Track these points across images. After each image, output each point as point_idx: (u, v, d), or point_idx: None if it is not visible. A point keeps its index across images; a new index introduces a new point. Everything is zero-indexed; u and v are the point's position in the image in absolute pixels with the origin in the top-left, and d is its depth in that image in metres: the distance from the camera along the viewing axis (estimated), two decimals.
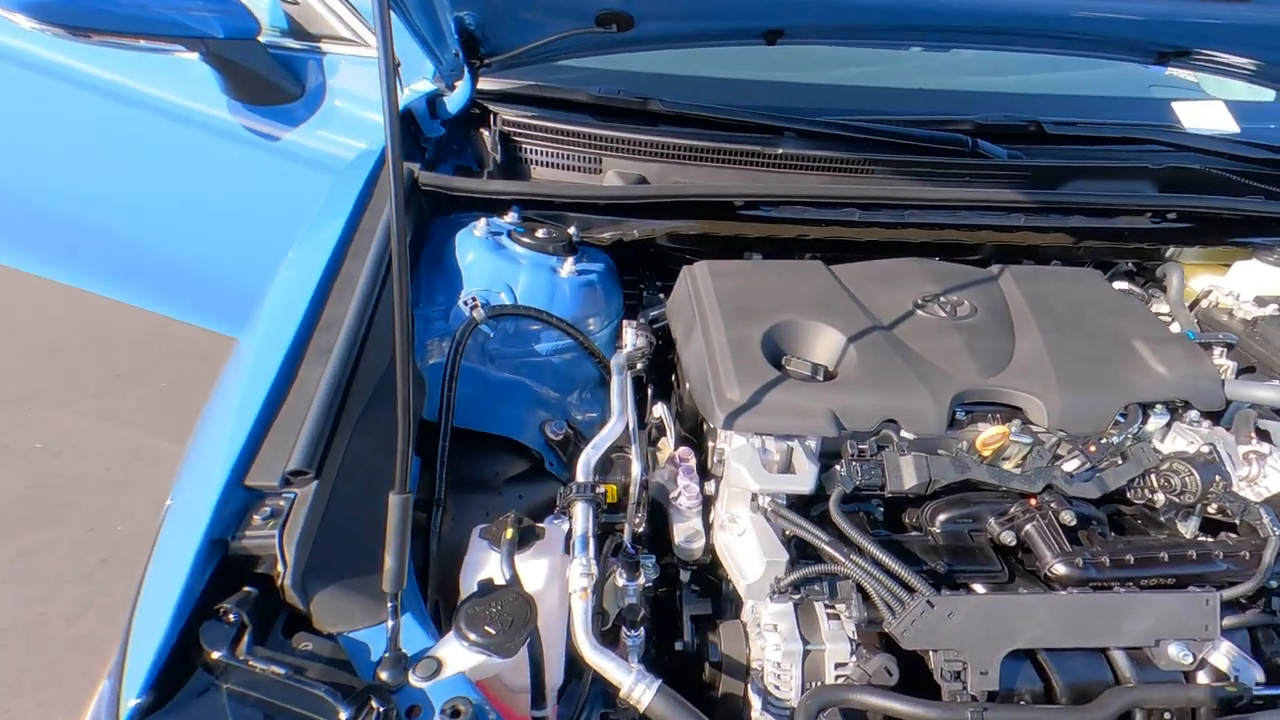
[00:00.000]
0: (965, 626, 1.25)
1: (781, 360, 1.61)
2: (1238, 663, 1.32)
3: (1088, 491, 1.52)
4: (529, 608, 1.20)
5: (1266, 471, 1.53)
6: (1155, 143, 2.45)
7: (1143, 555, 1.39)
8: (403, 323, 1.04)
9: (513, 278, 1.86)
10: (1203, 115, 2.76)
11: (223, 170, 2.57)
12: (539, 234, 1.92)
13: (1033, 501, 1.48)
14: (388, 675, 1.10)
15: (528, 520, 1.44)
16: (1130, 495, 1.58)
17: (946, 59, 2.98)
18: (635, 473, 1.55)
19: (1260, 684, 1.32)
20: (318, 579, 1.19)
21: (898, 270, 1.92)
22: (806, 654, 1.37)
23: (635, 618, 1.41)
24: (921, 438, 1.55)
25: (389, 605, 1.11)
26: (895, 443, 1.53)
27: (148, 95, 2.47)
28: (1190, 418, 1.65)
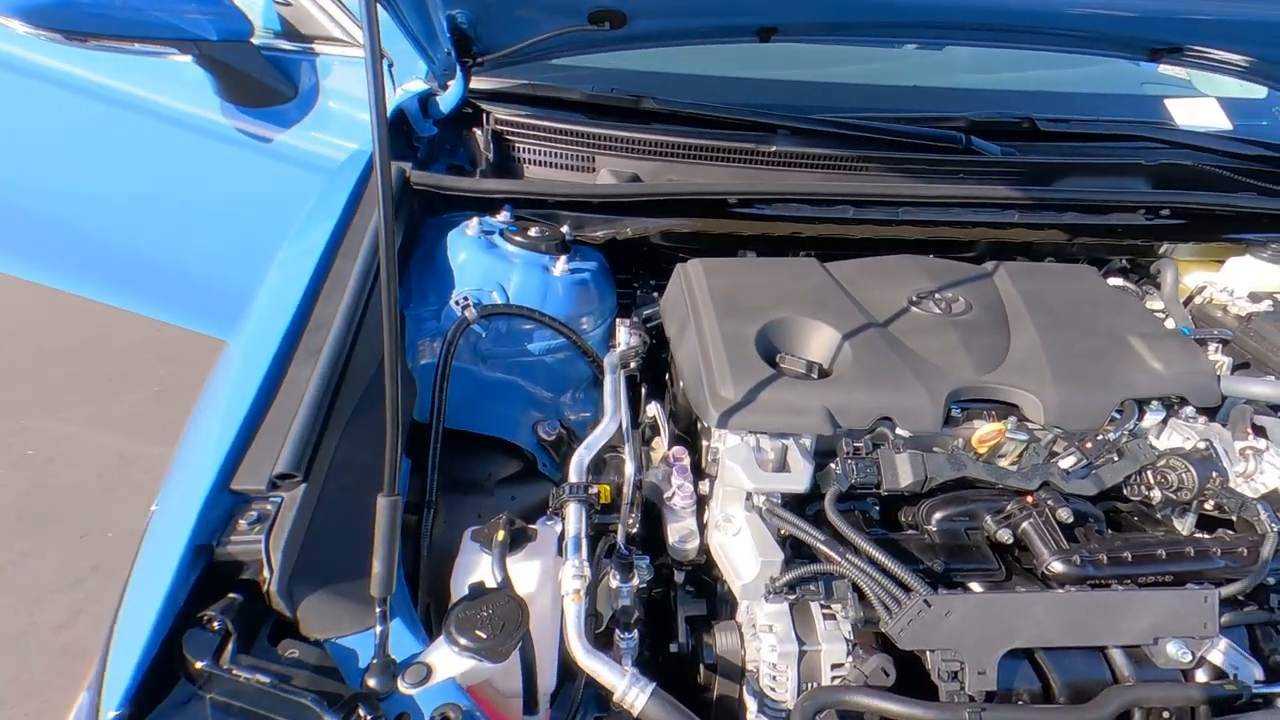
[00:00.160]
0: (962, 626, 1.24)
1: (776, 358, 1.60)
2: (1236, 660, 1.32)
3: (1084, 489, 1.51)
4: (521, 611, 1.19)
5: (1263, 467, 1.52)
6: (1148, 139, 2.44)
7: (1140, 552, 1.38)
8: (390, 320, 1.03)
9: (505, 277, 1.84)
10: (1195, 112, 2.76)
11: (215, 172, 2.56)
12: (532, 233, 1.91)
13: (1029, 499, 1.47)
14: (376, 682, 1.08)
15: (520, 522, 1.42)
16: (1127, 492, 1.56)
17: (940, 56, 2.98)
18: (629, 472, 1.53)
19: (1259, 682, 1.31)
20: (305, 584, 1.16)
21: (892, 267, 1.91)
22: (802, 655, 1.35)
23: (629, 620, 1.39)
24: (917, 435, 1.54)
25: (377, 610, 1.09)
26: (891, 440, 1.51)
27: (139, 98, 2.45)
28: (1186, 414, 1.63)
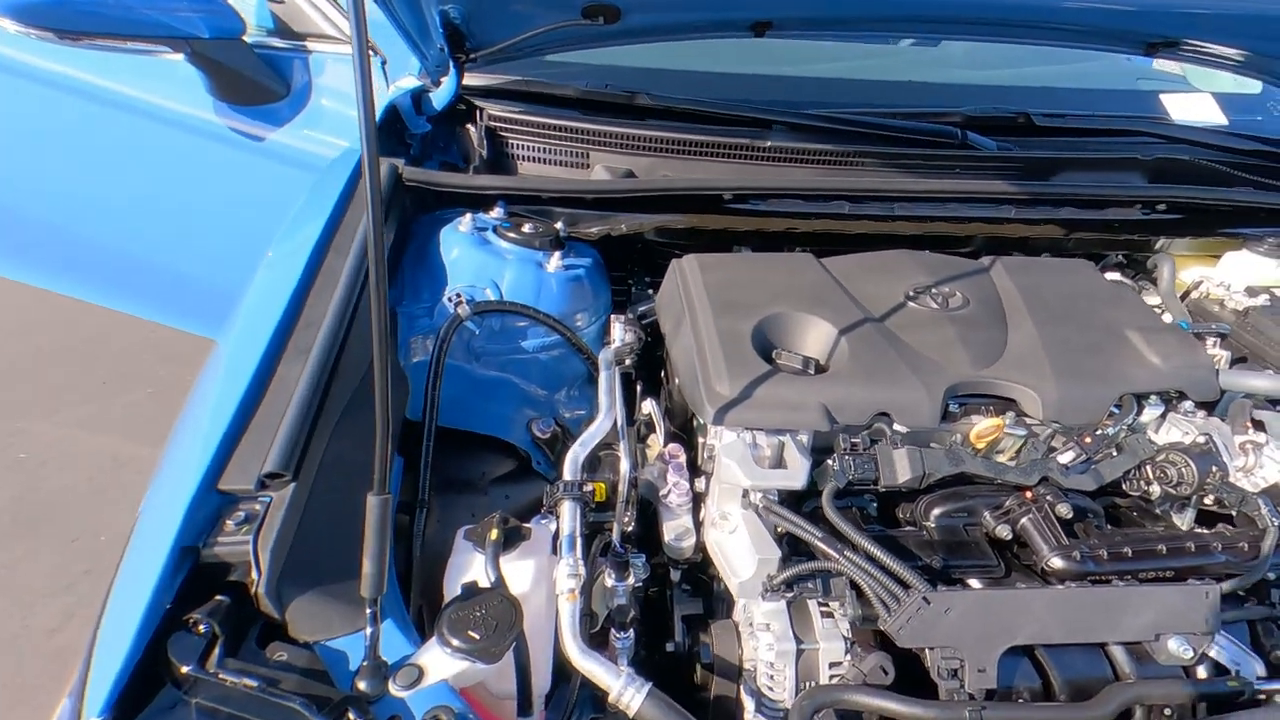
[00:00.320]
0: (962, 623, 1.23)
1: (772, 354, 1.58)
2: (1237, 656, 1.30)
3: (1083, 484, 1.49)
4: (514, 611, 1.17)
5: (1263, 461, 1.51)
6: (1144, 134, 2.43)
7: (1140, 548, 1.37)
8: (380, 314, 1.01)
9: (498, 273, 1.83)
10: (1190, 108, 2.75)
11: (207, 172, 2.54)
12: (525, 229, 1.89)
13: (1028, 494, 1.45)
14: (366, 685, 1.06)
15: (513, 520, 1.41)
16: (1126, 487, 1.55)
17: (934, 53, 2.97)
18: (624, 470, 1.52)
19: (1261, 678, 1.29)
20: (294, 586, 1.15)
21: (889, 262, 1.89)
22: (800, 653, 1.34)
23: (625, 619, 1.38)
24: (915, 431, 1.52)
25: (368, 611, 1.08)
26: (888, 436, 1.50)
27: (130, 97, 2.44)
28: (1185, 408, 1.62)
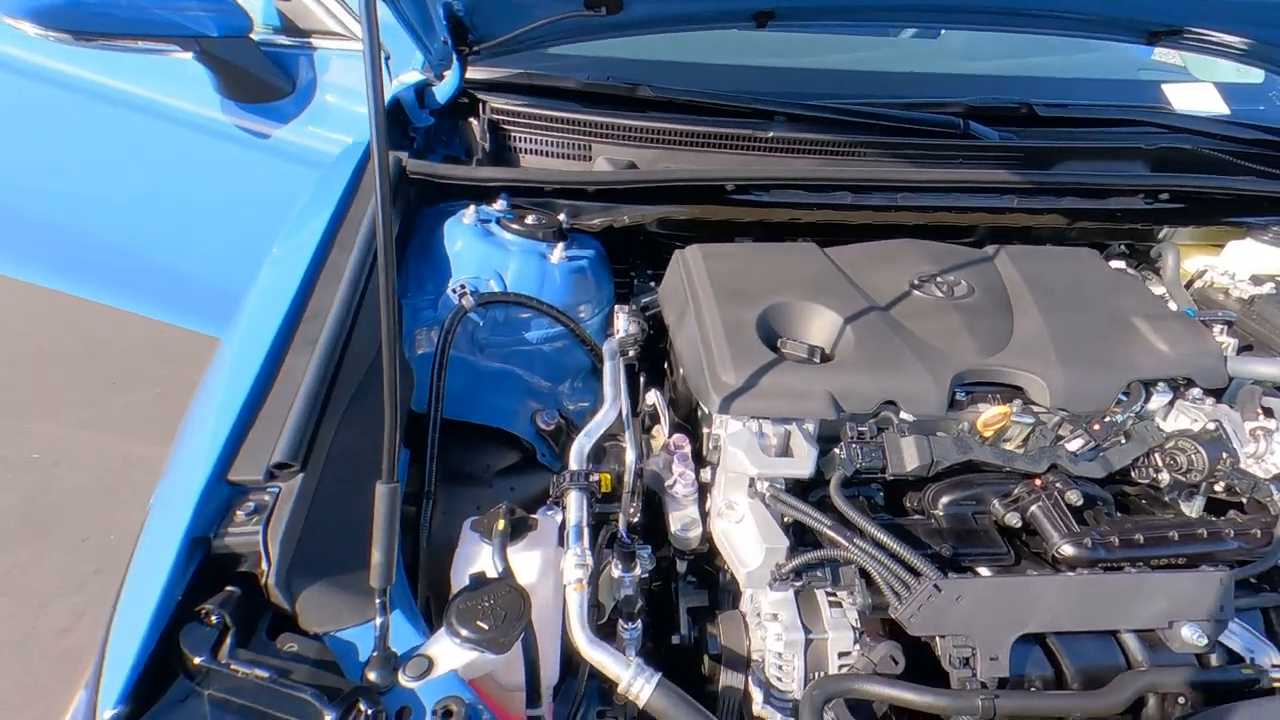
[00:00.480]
0: (974, 610, 1.22)
1: (777, 343, 1.57)
2: (1251, 644, 1.30)
3: (1092, 471, 1.49)
4: (523, 601, 1.16)
5: (1273, 448, 1.50)
6: (1147, 124, 2.42)
7: (1152, 534, 1.36)
8: (388, 299, 1.00)
9: (502, 265, 1.82)
10: (1192, 98, 2.74)
11: (214, 169, 2.54)
12: (528, 220, 1.88)
13: (1037, 482, 1.44)
14: (376, 676, 1.06)
15: (520, 511, 1.39)
16: (1135, 475, 1.55)
17: (935, 45, 2.97)
18: (629, 460, 1.51)
19: (1276, 665, 1.28)
20: (303, 576, 1.14)
21: (893, 251, 1.88)
22: (809, 643, 1.33)
23: (632, 609, 1.37)
24: (921, 420, 1.51)
25: (377, 602, 1.07)
26: (895, 425, 1.49)
27: (136, 96, 2.43)
28: (1193, 395, 1.61)
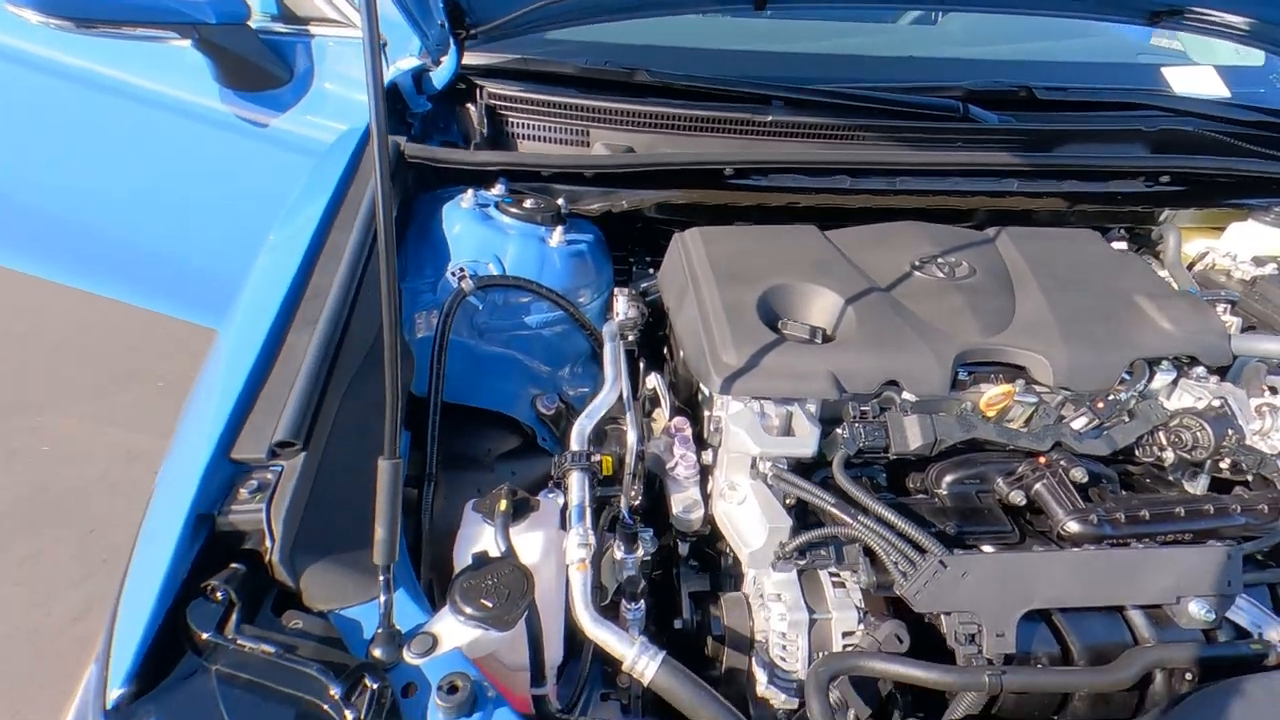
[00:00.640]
0: (980, 587, 1.21)
1: (778, 324, 1.56)
2: (1259, 619, 1.29)
3: (1097, 449, 1.48)
4: (526, 579, 1.16)
5: (1279, 424, 1.50)
6: (1147, 107, 2.41)
7: (1158, 511, 1.35)
8: (389, 272, 0.99)
9: (501, 248, 1.81)
10: (1192, 81, 2.73)
11: (212, 159, 2.53)
12: (527, 204, 1.87)
13: (1041, 460, 1.44)
14: (381, 652, 1.06)
15: (522, 492, 1.39)
16: (1139, 454, 1.54)
17: (934, 30, 2.96)
18: (631, 442, 1.50)
19: None
20: (307, 554, 1.14)
21: (893, 233, 1.87)
22: (813, 624, 1.33)
23: (635, 590, 1.36)
24: (924, 399, 1.50)
25: (380, 579, 1.06)
26: (898, 404, 1.49)
27: (135, 85, 2.42)
28: (1197, 374, 1.60)
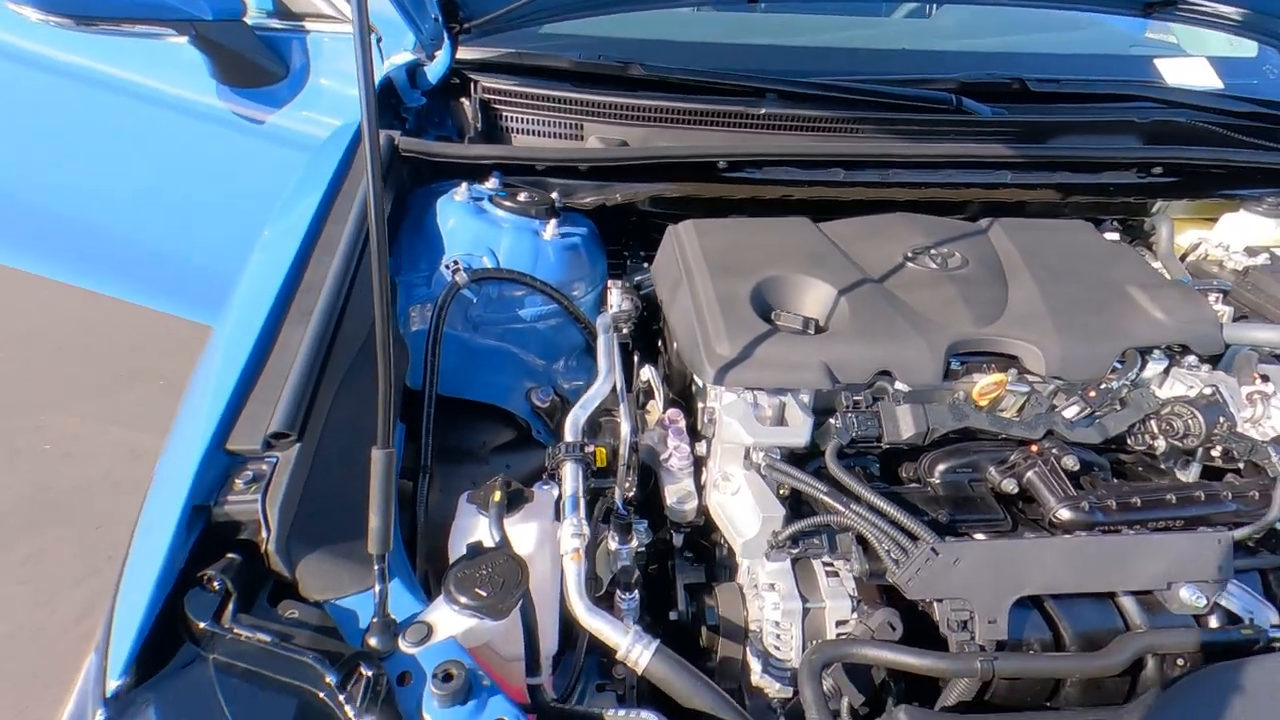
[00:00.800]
0: (972, 574, 1.22)
1: (771, 315, 1.57)
2: (1250, 605, 1.29)
3: (1089, 437, 1.48)
4: (520, 569, 1.16)
5: (1270, 412, 1.50)
6: (1140, 98, 2.41)
7: (1149, 498, 1.35)
8: (380, 253, 0.99)
9: (495, 241, 1.82)
10: (1185, 72, 2.73)
11: (209, 156, 2.53)
12: (521, 198, 1.88)
13: (1034, 448, 1.44)
14: (377, 641, 1.06)
15: (516, 483, 1.39)
16: (1131, 442, 1.54)
17: (927, 24, 2.96)
18: (624, 433, 1.50)
19: (1275, 626, 1.28)
20: (302, 544, 1.15)
21: (886, 225, 1.88)
22: (806, 613, 1.33)
23: (629, 580, 1.37)
24: (916, 389, 1.51)
25: (376, 568, 1.07)
26: (890, 394, 1.49)
27: (132, 83, 2.42)
28: (1189, 363, 1.61)
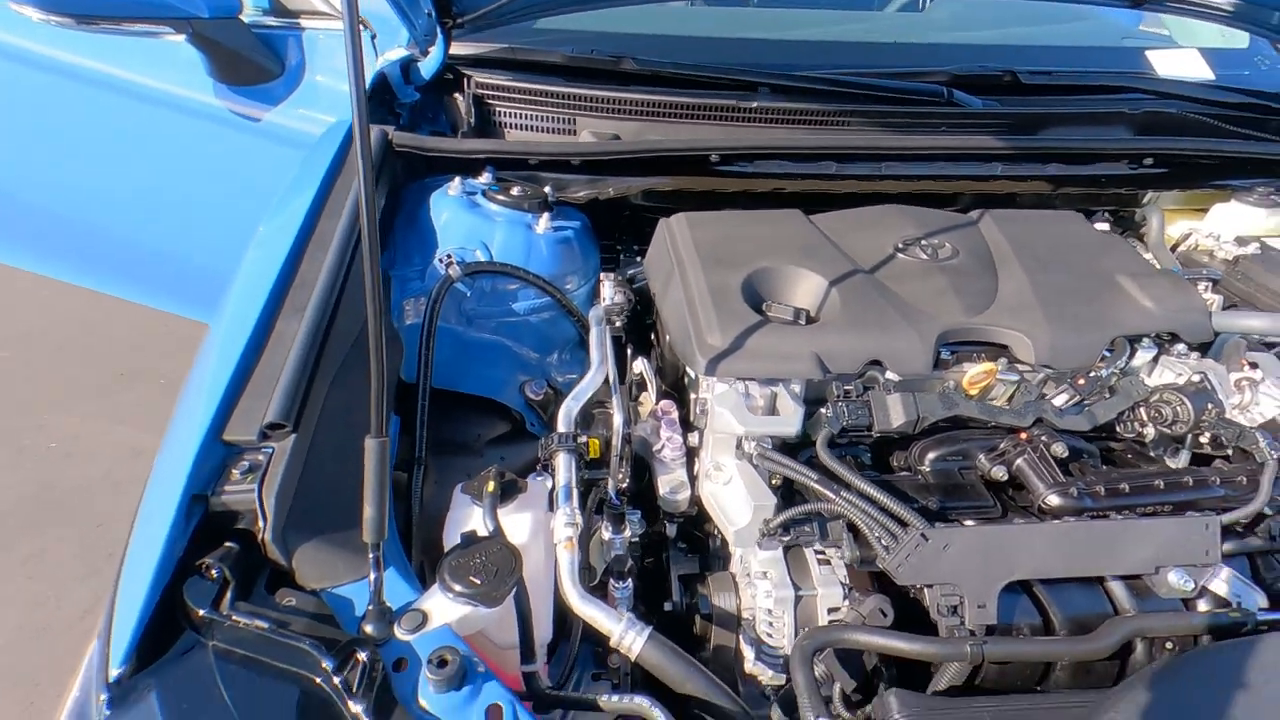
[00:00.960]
0: (961, 559, 1.23)
1: (762, 306, 1.58)
2: (1239, 589, 1.30)
3: (1078, 424, 1.50)
4: (514, 557, 1.17)
5: (1259, 398, 1.51)
6: (1132, 90, 2.42)
7: (1138, 483, 1.36)
8: (372, 249, 1.00)
9: (488, 235, 1.82)
10: (1177, 64, 2.74)
11: (206, 154, 2.53)
12: (514, 192, 1.89)
13: (1023, 435, 1.45)
14: (372, 628, 1.07)
15: (510, 474, 1.40)
16: (1120, 429, 1.55)
17: (919, 18, 2.97)
18: (617, 424, 1.51)
19: (1263, 609, 1.29)
20: (299, 533, 1.16)
21: (877, 216, 1.89)
22: (798, 600, 1.34)
23: (623, 568, 1.38)
24: (907, 378, 1.52)
25: (370, 557, 1.08)
26: (881, 384, 1.50)
27: (131, 82, 2.42)
28: (1178, 351, 1.62)
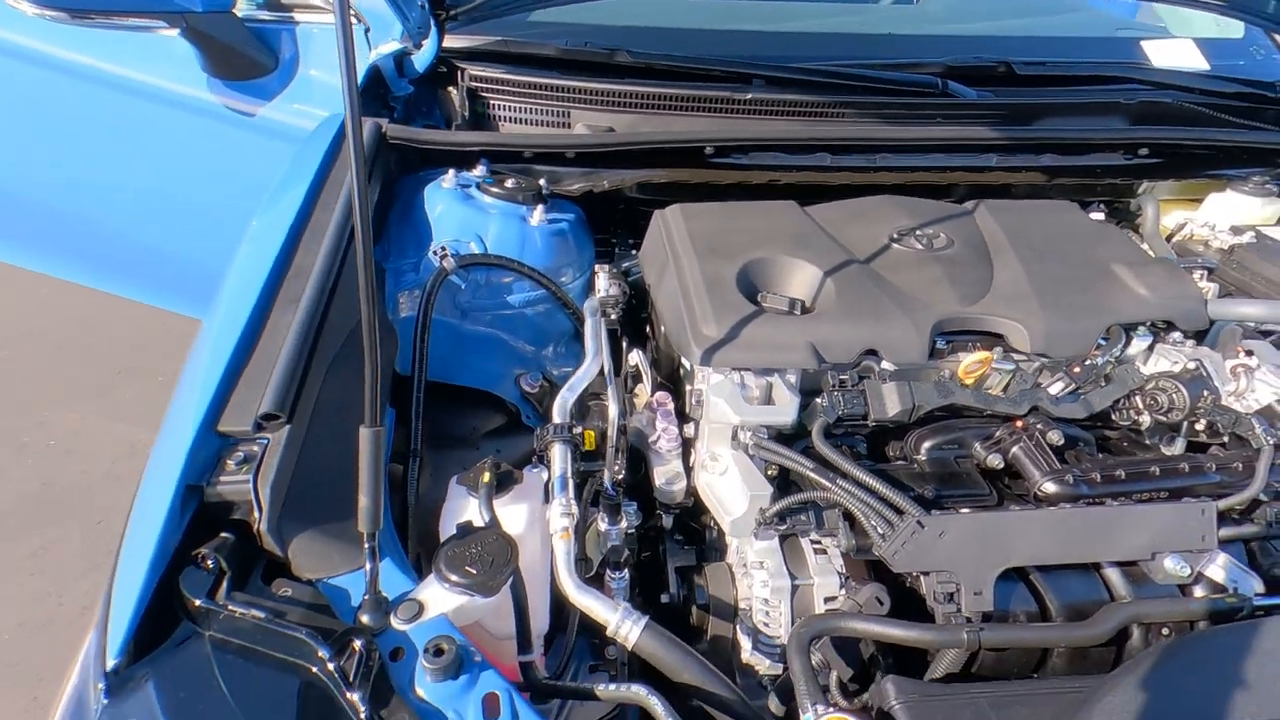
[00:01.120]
0: (957, 546, 1.23)
1: (758, 296, 1.58)
2: (1235, 574, 1.30)
3: (1073, 413, 1.50)
4: (510, 547, 1.17)
5: (1254, 385, 1.51)
6: (1126, 80, 2.42)
7: (1134, 470, 1.37)
8: (365, 240, 1.00)
9: (483, 228, 1.82)
10: (1172, 53, 2.74)
11: (201, 150, 2.51)
12: (508, 184, 1.88)
13: (1019, 424, 1.46)
14: (368, 618, 1.07)
15: (505, 465, 1.40)
16: (1115, 418, 1.56)
17: (915, 8, 2.97)
18: (612, 416, 1.51)
19: (1259, 594, 1.29)
20: (294, 524, 1.16)
21: (872, 207, 1.89)
22: (795, 589, 1.34)
23: (619, 559, 1.38)
24: (902, 368, 1.52)
25: (366, 547, 1.08)
26: (876, 373, 1.50)
27: (125, 78, 2.40)
28: (1173, 339, 1.62)
